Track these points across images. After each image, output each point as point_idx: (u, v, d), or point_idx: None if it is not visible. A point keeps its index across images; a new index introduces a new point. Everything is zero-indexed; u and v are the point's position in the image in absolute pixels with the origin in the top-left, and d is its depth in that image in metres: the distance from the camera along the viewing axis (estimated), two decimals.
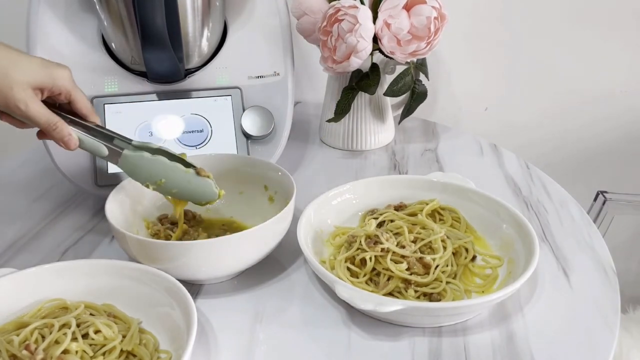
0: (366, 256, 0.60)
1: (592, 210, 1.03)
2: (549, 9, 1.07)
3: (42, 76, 0.56)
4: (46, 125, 0.57)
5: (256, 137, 0.78)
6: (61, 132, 0.57)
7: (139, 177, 0.62)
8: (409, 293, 0.57)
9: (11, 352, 0.47)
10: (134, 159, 0.60)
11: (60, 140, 0.58)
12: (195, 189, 0.62)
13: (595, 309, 0.58)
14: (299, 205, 0.65)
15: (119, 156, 0.61)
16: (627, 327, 0.92)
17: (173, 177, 0.61)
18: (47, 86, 0.56)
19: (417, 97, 0.91)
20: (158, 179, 0.61)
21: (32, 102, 0.55)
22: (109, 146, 0.60)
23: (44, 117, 0.56)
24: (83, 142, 0.60)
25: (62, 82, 0.57)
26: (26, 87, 0.55)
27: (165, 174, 0.61)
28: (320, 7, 0.86)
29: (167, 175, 0.61)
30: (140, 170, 0.61)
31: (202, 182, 0.62)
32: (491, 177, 0.86)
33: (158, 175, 0.61)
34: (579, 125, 1.16)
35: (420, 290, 0.57)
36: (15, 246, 0.71)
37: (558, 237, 0.70)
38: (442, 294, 0.58)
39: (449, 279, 0.59)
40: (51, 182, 0.85)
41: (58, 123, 0.57)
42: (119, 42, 0.77)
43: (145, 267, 0.56)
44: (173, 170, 0.61)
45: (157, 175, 0.61)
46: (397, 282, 0.58)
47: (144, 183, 0.62)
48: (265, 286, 0.62)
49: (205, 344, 0.54)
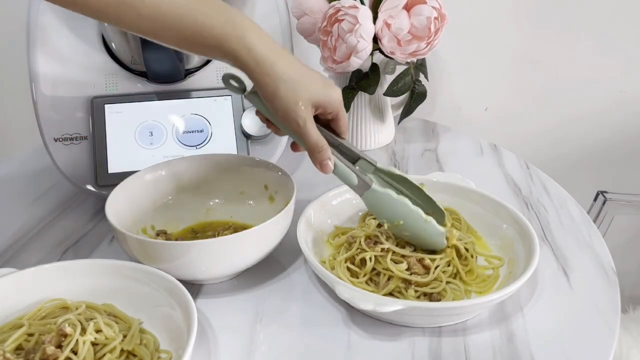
0: (366, 256, 0.60)
1: (592, 210, 1.03)
2: (549, 9, 1.07)
3: (322, 96, 0.56)
4: (313, 146, 0.56)
5: (256, 137, 0.78)
6: (323, 156, 0.57)
7: (378, 213, 0.61)
8: (409, 293, 0.57)
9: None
10: (380, 196, 0.59)
11: (319, 163, 0.58)
12: (426, 237, 0.60)
13: (595, 309, 0.58)
14: (299, 205, 0.65)
15: (366, 189, 0.59)
16: (627, 327, 0.92)
17: (411, 222, 0.59)
18: (323, 106, 0.56)
19: (416, 97, 0.92)
20: (397, 221, 0.59)
21: (309, 122, 0.55)
22: (359, 177, 0.59)
23: (313, 139, 0.56)
24: (337, 168, 0.59)
25: (336, 104, 0.57)
26: (308, 105, 0.55)
27: (404, 217, 0.59)
28: (320, 7, 0.86)
29: (406, 219, 0.59)
30: (383, 208, 0.60)
31: (434, 232, 0.59)
32: (491, 177, 0.86)
33: (398, 217, 0.59)
34: (579, 125, 1.16)
35: (420, 290, 0.58)
36: (15, 246, 0.71)
37: (558, 237, 0.70)
38: (442, 294, 0.58)
39: (450, 279, 0.59)
40: (51, 182, 0.85)
41: (324, 147, 0.57)
42: (119, 42, 0.77)
43: (145, 267, 0.56)
44: (414, 216, 0.59)
45: (397, 217, 0.59)
46: (397, 282, 0.58)
47: (381, 219, 0.61)
48: (265, 286, 0.62)
49: (206, 344, 0.54)
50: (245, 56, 0.52)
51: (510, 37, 1.10)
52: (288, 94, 0.54)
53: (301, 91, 0.54)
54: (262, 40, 0.53)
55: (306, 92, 0.54)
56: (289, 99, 0.54)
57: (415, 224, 0.59)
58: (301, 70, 0.55)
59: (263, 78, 0.53)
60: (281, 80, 0.53)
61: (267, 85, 0.54)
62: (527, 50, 1.11)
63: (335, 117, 0.59)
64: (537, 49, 1.10)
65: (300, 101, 0.54)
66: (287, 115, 0.55)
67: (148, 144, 0.76)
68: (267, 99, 0.55)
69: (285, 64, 0.54)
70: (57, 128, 0.75)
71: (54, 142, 0.75)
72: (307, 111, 0.55)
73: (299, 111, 0.54)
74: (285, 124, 0.56)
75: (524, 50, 1.11)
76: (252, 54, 0.52)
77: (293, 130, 0.56)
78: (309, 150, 0.57)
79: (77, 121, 0.76)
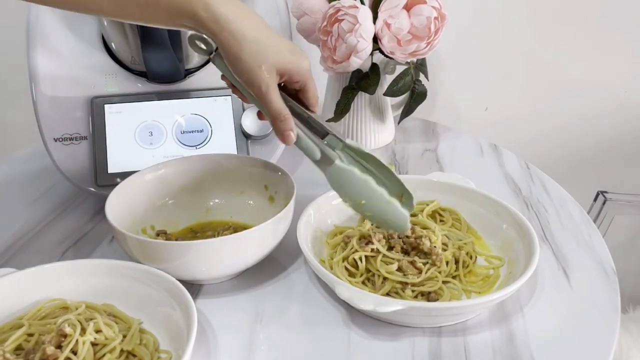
0: (356, 256, 0.60)
1: (592, 210, 1.03)
2: (549, 8, 1.07)
3: (289, 63, 0.54)
4: (275, 114, 0.54)
5: (256, 137, 0.78)
6: (285, 125, 0.55)
7: (341, 191, 0.59)
8: (407, 293, 0.57)
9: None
10: (343, 173, 0.57)
11: (281, 133, 0.55)
12: (388, 219, 0.58)
13: (595, 309, 0.58)
14: (299, 205, 0.65)
15: (329, 165, 0.57)
16: (627, 327, 0.92)
17: (374, 203, 0.57)
18: (290, 73, 0.54)
19: (416, 97, 0.92)
20: (359, 200, 0.57)
21: (272, 88, 0.53)
22: (322, 151, 0.57)
23: (276, 106, 0.54)
24: (300, 140, 0.57)
25: (304, 73, 0.55)
26: (272, 70, 0.53)
27: (367, 196, 0.57)
28: (320, 7, 0.86)
29: (369, 199, 0.57)
30: (346, 185, 0.57)
31: (398, 214, 0.57)
32: (491, 177, 0.86)
33: (361, 196, 0.57)
34: (580, 125, 1.16)
35: (417, 289, 0.58)
36: (15, 246, 0.71)
37: (558, 237, 0.70)
38: (439, 293, 0.58)
39: (447, 279, 0.59)
40: (51, 182, 0.85)
41: (287, 115, 0.55)
42: (119, 42, 0.77)
43: (145, 267, 0.56)
44: (377, 197, 0.57)
45: (359, 196, 0.57)
46: (392, 284, 0.58)
47: (344, 197, 0.59)
48: (265, 286, 0.62)
49: (205, 344, 0.54)
50: (203, 14, 0.50)
51: (510, 37, 1.10)
52: (251, 57, 0.52)
53: (266, 55, 0.52)
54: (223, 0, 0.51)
55: (271, 56, 0.52)
56: (252, 61, 0.52)
57: (378, 205, 0.57)
58: (268, 34, 0.53)
59: (226, 38, 0.51)
60: (245, 40, 0.51)
61: (231, 46, 0.51)
62: (528, 50, 1.11)
63: (303, 87, 0.57)
64: (538, 49, 1.10)
65: (263, 65, 0.52)
66: (250, 79, 0.53)
67: (148, 144, 0.76)
68: (229, 62, 0.53)
69: (252, 24, 0.52)
70: (57, 128, 0.75)
71: (54, 142, 0.75)
72: (271, 77, 0.53)
73: (262, 75, 0.52)
74: (249, 88, 0.55)
75: (524, 50, 1.11)
76: (211, 10, 0.50)
77: (255, 96, 0.55)
78: (270, 118, 0.55)
79: (77, 121, 0.76)
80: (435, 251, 0.60)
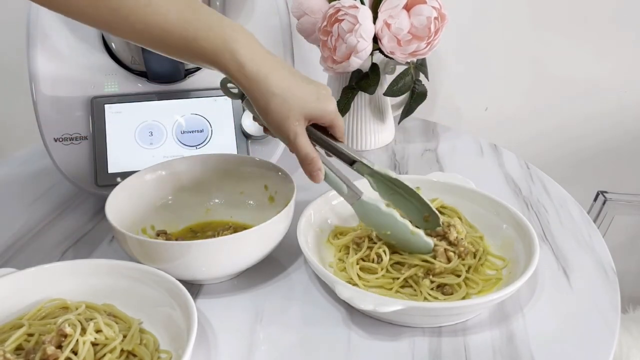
0: (379, 250, 0.61)
1: (592, 210, 1.03)
2: (550, 9, 1.07)
3: (315, 110, 0.56)
4: (303, 158, 0.57)
5: (256, 137, 0.78)
6: (313, 167, 0.58)
7: (367, 222, 0.63)
8: (425, 283, 0.58)
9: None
10: (368, 207, 0.61)
11: (309, 174, 0.59)
12: (412, 247, 0.61)
13: (595, 309, 0.58)
14: (299, 205, 0.65)
15: (356, 199, 0.61)
16: (627, 327, 0.92)
17: (398, 233, 0.60)
18: (316, 118, 0.57)
19: (416, 97, 0.92)
20: (385, 231, 0.61)
21: (300, 135, 0.56)
22: (349, 187, 0.61)
23: (304, 151, 0.57)
24: (327, 177, 0.60)
25: (329, 116, 0.57)
26: (300, 118, 0.55)
27: (392, 228, 0.60)
28: (320, 7, 0.86)
29: (394, 230, 0.60)
30: (372, 218, 0.61)
31: (421, 243, 0.61)
32: (491, 177, 0.86)
33: (386, 228, 0.61)
34: (580, 125, 1.16)
35: (436, 281, 0.58)
36: (15, 246, 0.71)
37: (558, 237, 0.70)
38: (455, 288, 0.58)
39: (468, 274, 0.59)
40: (51, 182, 0.85)
41: (315, 158, 0.57)
42: (119, 42, 0.77)
43: (145, 267, 0.56)
44: (401, 228, 0.60)
45: (385, 228, 0.61)
46: (416, 270, 0.59)
47: (369, 227, 0.63)
48: (265, 286, 0.62)
49: (206, 344, 0.54)
50: (235, 73, 0.53)
51: (510, 37, 1.10)
52: (278, 109, 0.54)
53: (292, 105, 0.54)
54: (255, 54, 0.53)
55: (298, 106, 0.55)
56: (279, 113, 0.54)
57: (402, 235, 0.60)
58: (294, 84, 0.55)
59: (254, 94, 0.54)
60: (272, 95, 0.53)
61: (258, 100, 0.54)
62: (528, 50, 1.11)
63: (331, 125, 0.59)
64: (538, 49, 1.10)
65: (291, 115, 0.54)
66: (278, 130, 0.56)
67: (148, 144, 0.76)
68: (259, 112, 0.55)
69: (278, 77, 0.54)
70: (57, 128, 0.75)
71: (54, 142, 0.75)
72: (299, 125, 0.55)
73: (290, 125, 0.55)
74: (277, 135, 0.57)
75: (524, 51, 1.11)
76: (242, 71, 0.52)
77: (285, 142, 0.57)
78: (299, 162, 0.58)
79: (77, 121, 0.76)
80: (462, 243, 0.61)
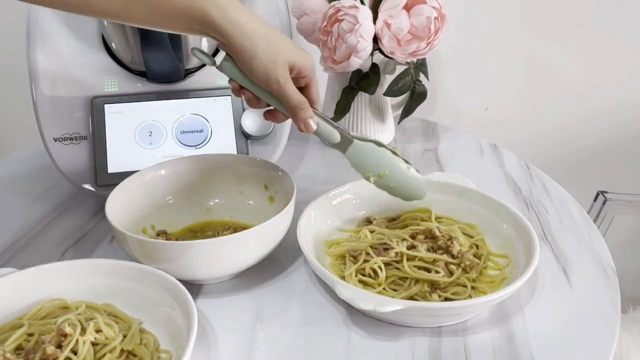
0: (374, 265, 0.59)
1: (592, 210, 1.03)
2: (549, 9, 1.07)
3: (299, 57, 0.56)
4: (296, 104, 0.56)
5: (256, 137, 0.78)
6: (305, 114, 0.57)
7: (363, 168, 0.62)
8: (433, 298, 0.57)
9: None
10: (364, 148, 0.61)
11: (303, 122, 0.58)
12: (409, 185, 0.62)
13: (595, 309, 0.58)
14: (299, 205, 0.65)
15: (349, 144, 0.61)
16: (627, 327, 0.92)
17: (394, 171, 0.61)
18: (299, 67, 0.56)
19: (416, 97, 0.92)
20: (382, 171, 0.61)
21: (288, 81, 0.55)
22: (341, 133, 0.60)
23: (295, 96, 0.56)
24: (319, 126, 0.59)
25: (310, 68, 0.57)
26: (285, 64, 0.54)
27: (388, 167, 0.61)
28: (320, 7, 0.86)
29: (390, 169, 0.61)
30: (368, 160, 0.61)
31: (416, 180, 0.62)
32: (491, 177, 0.86)
33: (382, 168, 0.61)
34: (580, 125, 1.16)
35: (443, 295, 0.57)
36: (15, 246, 0.71)
37: (558, 237, 0.70)
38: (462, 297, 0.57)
39: (474, 283, 0.59)
40: (51, 182, 0.85)
41: (306, 104, 0.57)
42: (119, 42, 0.77)
43: (145, 267, 0.56)
44: (396, 165, 0.61)
45: (381, 168, 0.61)
46: (421, 287, 0.57)
47: (366, 174, 0.63)
48: (265, 286, 0.62)
49: (206, 344, 0.54)
50: (217, 17, 0.51)
51: (510, 37, 1.10)
52: (265, 53, 0.53)
53: (278, 50, 0.54)
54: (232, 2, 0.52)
55: (283, 51, 0.54)
56: (266, 58, 0.53)
57: (399, 172, 0.61)
58: (273, 30, 0.55)
59: (239, 38, 0.53)
60: (259, 38, 0.53)
61: (244, 45, 0.53)
62: (528, 50, 1.11)
63: (309, 83, 0.58)
64: (538, 49, 1.10)
65: (277, 59, 0.54)
66: (266, 75, 0.54)
67: (148, 144, 0.76)
68: (244, 61, 0.54)
69: (259, 22, 0.54)
70: (57, 128, 0.75)
71: (53, 142, 0.75)
72: (286, 71, 0.55)
73: (278, 70, 0.54)
74: (265, 85, 0.56)
75: (524, 50, 1.11)
76: (224, 13, 0.51)
77: (273, 91, 0.56)
78: (290, 110, 0.57)
79: (76, 121, 0.76)
80: (467, 256, 0.60)
